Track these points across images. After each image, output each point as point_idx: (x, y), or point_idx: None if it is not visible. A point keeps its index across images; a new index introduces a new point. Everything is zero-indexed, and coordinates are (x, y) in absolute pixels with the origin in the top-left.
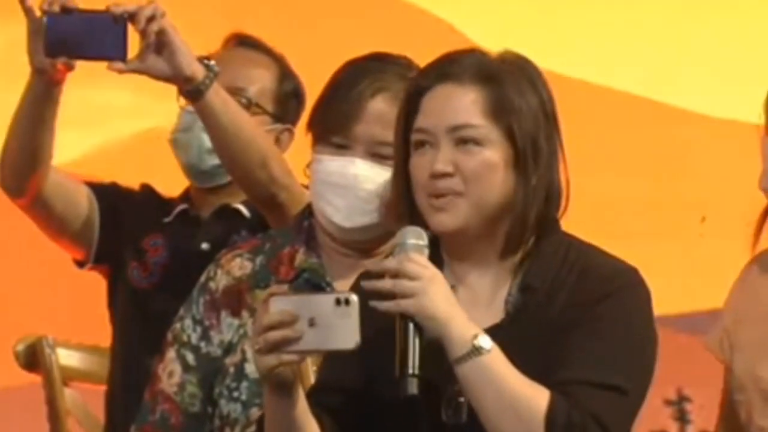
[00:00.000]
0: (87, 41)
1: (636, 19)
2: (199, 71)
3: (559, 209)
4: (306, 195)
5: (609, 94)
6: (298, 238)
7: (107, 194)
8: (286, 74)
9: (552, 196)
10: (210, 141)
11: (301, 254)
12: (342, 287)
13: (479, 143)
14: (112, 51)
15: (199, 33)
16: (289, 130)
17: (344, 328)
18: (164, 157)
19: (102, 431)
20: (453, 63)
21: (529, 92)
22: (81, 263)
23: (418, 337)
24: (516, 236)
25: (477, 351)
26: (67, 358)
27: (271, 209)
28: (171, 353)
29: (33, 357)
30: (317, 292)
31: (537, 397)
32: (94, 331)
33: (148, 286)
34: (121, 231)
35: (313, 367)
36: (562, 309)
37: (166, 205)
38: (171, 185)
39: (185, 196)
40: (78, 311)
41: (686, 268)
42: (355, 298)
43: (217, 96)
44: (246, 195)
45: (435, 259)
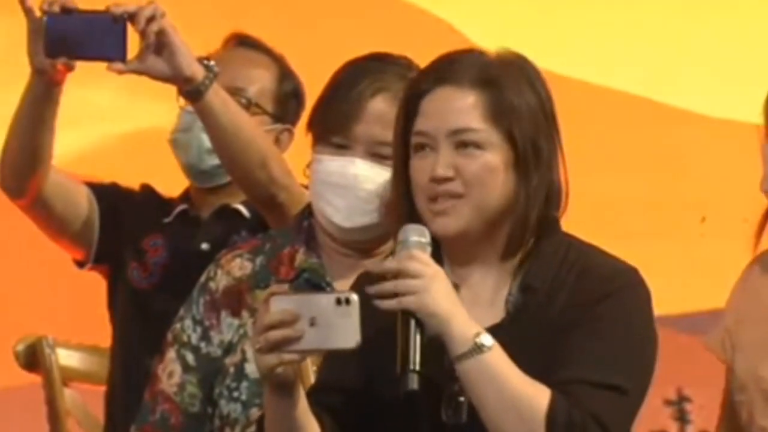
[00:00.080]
0: (87, 42)
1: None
2: (199, 72)
3: (559, 209)
4: (306, 195)
5: (609, 94)
6: (298, 238)
7: (107, 194)
8: (285, 74)
9: (552, 195)
10: (210, 141)
11: (301, 254)
12: (342, 287)
13: (480, 147)
14: (111, 51)
15: (199, 33)
16: (289, 131)
17: (345, 327)
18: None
19: (102, 431)
20: (452, 65)
21: (528, 92)
22: (81, 263)
23: (419, 333)
24: (517, 237)
25: (479, 348)
26: (67, 358)
27: (270, 209)
28: (171, 353)
29: (33, 357)
30: (318, 291)
31: (538, 395)
32: (94, 331)
33: (148, 287)
34: (121, 231)
35: (313, 367)
36: (563, 309)
37: (166, 205)
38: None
39: (185, 197)
40: (78, 311)
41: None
42: (355, 297)
43: (217, 96)
44: (246, 195)
45: (435, 260)
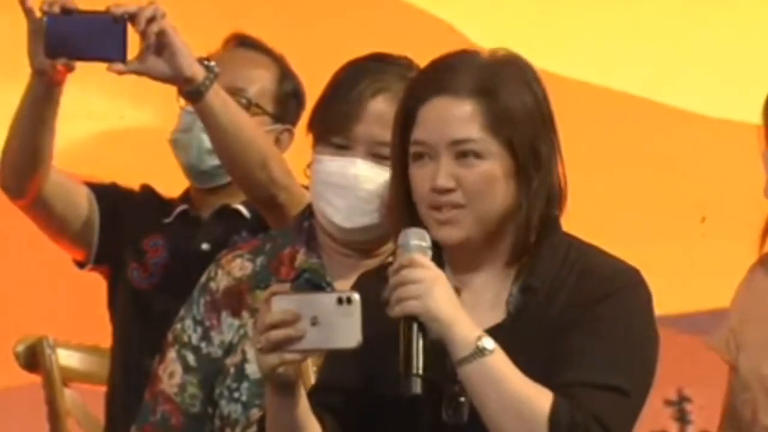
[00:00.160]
0: (87, 42)
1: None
2: (200, 72)
3: (559, 209)
4: (306, 195)
5: (609, 94)
6: (298, 238)
7: (107, 195)
8: (286, 74)
9: (552, 196)
10: (210, 142)
11: (302, 255)
12: (342, 287)
13: (479, 156)
14: (112, 52)
15: (199, 33)
16: (289, 131)
17: (346, 326)
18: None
19: (102, 431)
20: (447, 74)
21: (525, 94)
22: (81, 264)
23: (421, 337)
24: (521, 243)
25: (480, 352)
26: (67, 358)
27: (270, 210)
28: (171, 354)
29: (33, 357)
30: (319, 291)
31: (540, 398)
32: (94, 332)
33: (149, 287)
34: (121, 231)
35: (314, 368)
36: (563, 309)
37: (166, 205)
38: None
39: (185, 197)
40: (78, 312)
41: (686, 268)
42: (357, 296)
43: (217, 97)
44: (246, 195)
45: (437, 263)
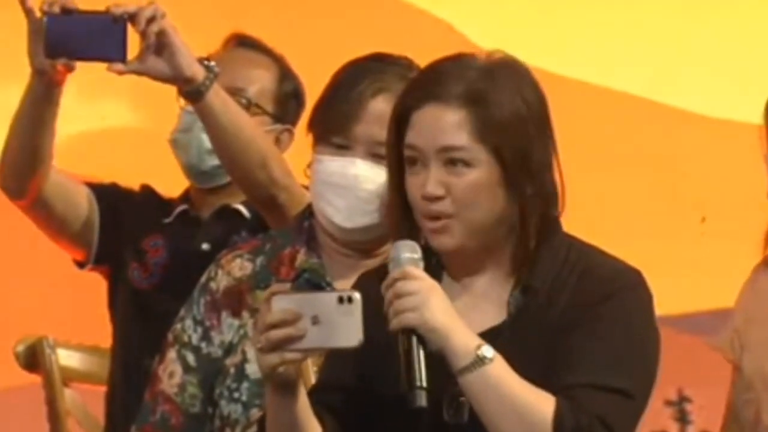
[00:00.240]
0: (87, 42)
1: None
2: (199, 72)
3: (557, 210)
4: (306, 196)
5: (609, 94)
6: (298, 238)
7: (107, 195)
8: (286, 74)
9: (549, 199)
10: (210, 142)
11: (302, 255)
12: (343, 287)
13: (468, 164)
14: (112, 52)
15: (199, 33)
16: (289, 131)
17: (347, 325)
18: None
19: (102, 431)
20: (439, 81)
21: (517, 101)
22: (81, 264)
23: (422, 348)
24: (521, 253)
25: (480, 361)
26: (67, 358)
27: (270, 210)
28: (171, 354)
29: (33, 357)
30: (319, 290)
31: (542, 403)
32: (94, 332)
33: (149, 287)
34: (121, 231)
35: (314, 368)
36: (564, 310)
37: (166, 205)
38: None
39: (185, 197)
40: (78, 312)
41: (686, 268)
42: (357, 296)
43: (217, 97)
44: (246, 196)
45: (435, 266)
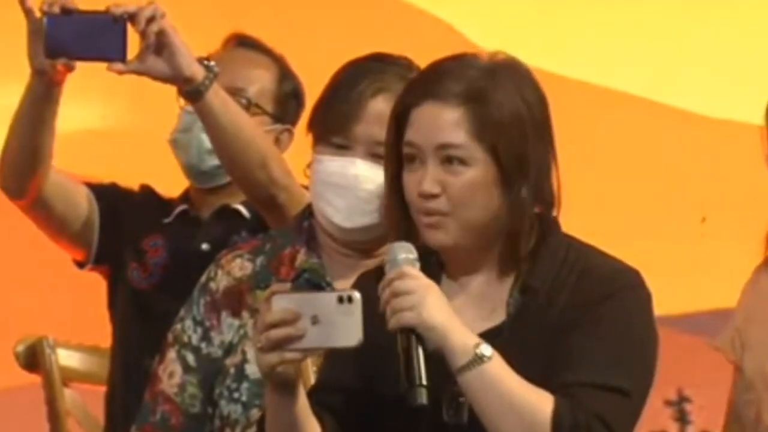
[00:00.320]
0: (87, 42)
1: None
2: (199, 72)
3: (553, 212)
4: (306, 195)
5: (609, 94)
6: (298, 238)
7: (107, 195)
8: (285, 74)
9: (545, 200)
10: (209, 141)
11: (302, 255)
12: (342, 287)
13: (464, 162)
14: (111, 52)
15: (199, 33)
16: (289, 131)
17: (347, 325)
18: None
19: (102, 431)
20: (439, 79)
21: (516, 102)
22: (81, 264)
23: (421, 346)
24: (511, 250)
25: (479, 359)
26: (67, 358)
27: (270, 210)
28: (171, 354)
29: (33, 357)
30: (319, 290)
31: (541, 402)
32: (94, 332)
33: (148, 287)
34: (120, 232)
35: (314, 368)
36: (563, 310)
37: (165, 205)
38: None
39: (185, 197)
40: (78, 312)
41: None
42: (357, 295)
43: (217, 96)
44: (246, 196)
45: (434, 265)
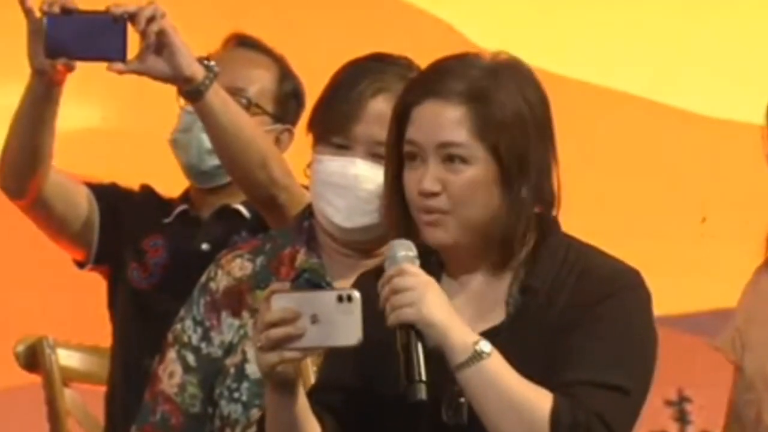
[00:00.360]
0: (87, 42)
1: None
2: (199, 72)
3: (553, 212)
4: (306, 195)
5: (609, 94)
6: (298, 238)
7: (107, 195)
8: (286, 74)
9: (546, 200)
10: (210, 141)
11: (302, 255)
12: (342, 287)
13: (465, 161)
14: (112, 52)
15: (199, 33)
16: (289, 131)
17: (347, 324)
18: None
19: (102, 431)
20: (441, 78)
21: (518, 102)
22: (81, 264)
23: (420, 343)
24: (507, 249)
25: (478, 356)
26: (67, 358)
27: (270, 210)
28: (171, 354)
29: (33, 357)
30: (319, 289)
31: (540, 399)
32: (94, 332)
33: (148, 287)
34: (120, 232)
35: (314, 368)
36: (563, 310)
37: (165, 205)
38: None
39: (185, 197)
40: (78, 312)
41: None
42: (357, 294)
43: (217, 96)
44: (246, 196)
45: (434, 264)
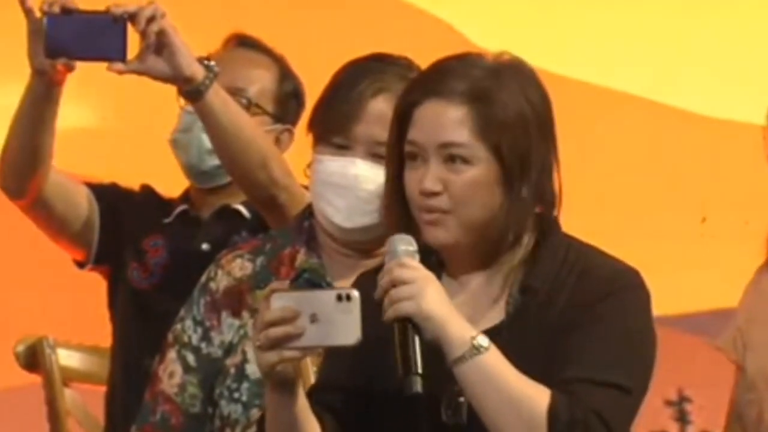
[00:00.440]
0: (87, 42)
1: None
2: (199, 72)
3: (553, 212)
4: (306, 195)
5: (609, 94)
6: (298, 238)
7: (107, 195)
8: (286, 74)
9: (547, 201)
10: (210, 141)
11: (302, 255)
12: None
13: (467, 161)
14: (112, 52)
15: (199, 33)
16: (289, 131)
17: (346, 323)
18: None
19: (102, 431)
20: (443, 77)
21: (521, 102)
22: (81, 264)
23: (417, 336)
24: (509, 250)
25: (476, 350)
26: (67, 358)
27: (270, 210)
28: (172, 354)
29: (33, 357)
30: (318, 288)
31: (538, 395)
32: (94, 332)
33: (149, 287)
34: (121, 232)
35: (313, 368)
36: (563, 310)
37: (166, 205)
38: None
39: (185, 197)
40: (78, 312)
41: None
42: (356, 293)
43: (217, 96)
44: (246, 196)
45: (434, 263)
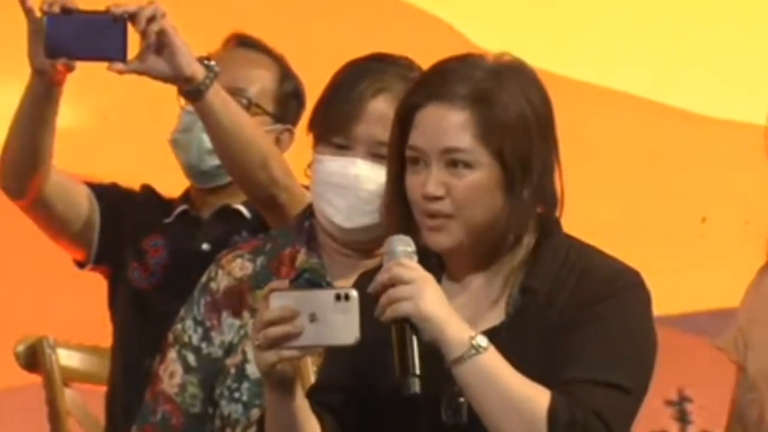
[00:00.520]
0: (87, 42)
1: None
2: (199, 71)
3: (555, 213)
4: (306, 195)
5: (609, 94)
6: (299, 238)
7: (107, 195)
8: (286, 74)
9: (548, 202)
10: (210, 141)
11: (302, 255)
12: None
13: (469, 166)
14: (112, 51)
15: (199, 33)
16: (290, 131)
17: (344, 323)
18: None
19: (102, 431)
20: (446, 81)
21: (522, 104)
22: (81, 264)
23: (415, 337)
24: (509, 251)
25: (475, 350)
26: (67, 358)
27: (271, 210)
28: (172, 354)
29: (33, 357)
30: (317, 287)
31: (537, 395)
32: (94, 332)
33: (149, 287)
34: (121, 231)
35: (313, 368)
36: (563, 310)
37: (166, 205)
38: None
39: (185, 197)
40: (78, 311)
41: (686, 268)
42: (355, 293)
43: (217, 96)
44: (246, 196)
45: (434, 265)
